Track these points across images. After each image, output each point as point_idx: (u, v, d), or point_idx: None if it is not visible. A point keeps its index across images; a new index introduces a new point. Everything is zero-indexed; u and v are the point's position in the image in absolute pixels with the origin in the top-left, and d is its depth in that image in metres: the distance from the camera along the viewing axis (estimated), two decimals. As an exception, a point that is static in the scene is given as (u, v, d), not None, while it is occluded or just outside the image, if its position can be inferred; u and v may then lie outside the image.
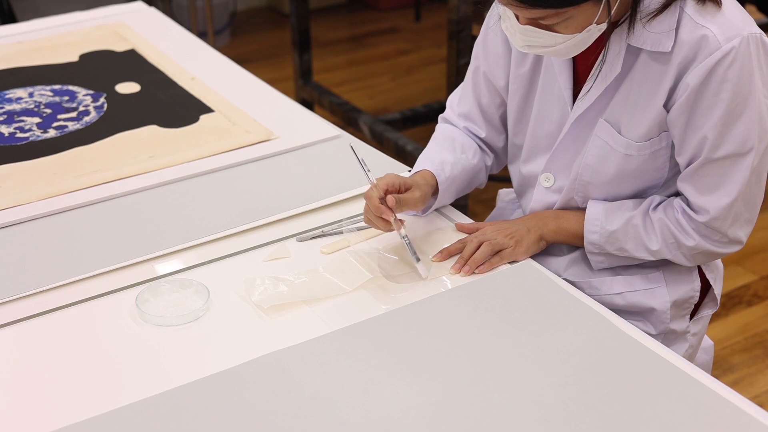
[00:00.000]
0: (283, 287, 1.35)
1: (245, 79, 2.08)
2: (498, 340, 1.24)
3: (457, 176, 1.52)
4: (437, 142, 1.57)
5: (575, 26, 1.26)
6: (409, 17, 4.79)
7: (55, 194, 1.60)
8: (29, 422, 1.13)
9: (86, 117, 1.89)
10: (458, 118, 1.60)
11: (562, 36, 1.27)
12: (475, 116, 1.58)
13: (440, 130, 1.61)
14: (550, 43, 1.28)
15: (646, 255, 1.41)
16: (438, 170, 1.48)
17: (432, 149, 1.55)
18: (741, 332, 2.52)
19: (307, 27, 3.36)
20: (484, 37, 1.53)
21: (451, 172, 1.50)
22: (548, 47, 1.29)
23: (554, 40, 1.27)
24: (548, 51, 1.30)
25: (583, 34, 1.27)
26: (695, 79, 1.28)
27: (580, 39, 1.27)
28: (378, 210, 1.36)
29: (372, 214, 1.38)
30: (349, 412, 1.12)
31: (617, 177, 1.40)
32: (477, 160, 1.56)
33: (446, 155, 1.52)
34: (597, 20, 1.25)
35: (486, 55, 1.53)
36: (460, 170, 1.52)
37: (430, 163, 1.50)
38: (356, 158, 1.40)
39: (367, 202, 1.38)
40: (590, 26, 1.26)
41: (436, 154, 1.52)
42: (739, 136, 1.30)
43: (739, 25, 1.27)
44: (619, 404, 1.13)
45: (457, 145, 1.55)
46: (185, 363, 1.22)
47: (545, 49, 1.30)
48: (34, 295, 1.35)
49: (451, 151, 1.53)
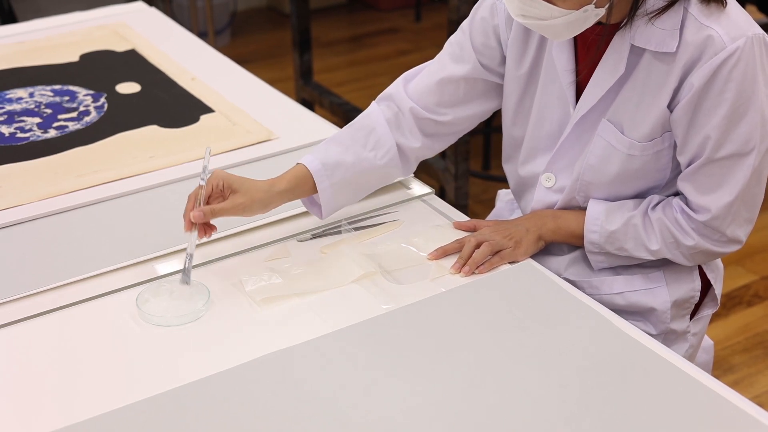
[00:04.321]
0: (277, 280, 1.35)
1: (245, 79, 2.08)
2: (498, 340, 1.24)
3: (355, 179, 1.46)
4: (352, 130, 1.49)
5: (574, 1, 1.25)
6: (410, 17, 4.79)
7: (56, 194, 1.60)
8: (29, 422, 1.13)
9: (87, 117, 1.90)
10: (408, 98, 1.50)
11: (558, 10, 1.25)
12: (423, 118, 1.50)
13: (363, 115, 1.52)
14: (546, 15, 1.26)
15: (646, 255, 1.41)
16: (324, 173, 1.42)
17: (337, 141, 1.47)
18: (741, 332, 2.52)
19: (307, 27, 3.36)
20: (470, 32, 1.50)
21: (344, 175, 1.44)
22: (542, 20, 1.27)
23: (550, 13, 1.26)
24: (542, 24, 1.28)
25: (579, 13, 1.25)
26: (700, 79, 1.28)
27: (575, 18, 1.26)
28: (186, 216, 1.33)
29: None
30: (349, 412, 1.13)
31: (619, 177, 1.40)
32: (385, 162, 1.49)
33: (346, 155, 1.45)
34: (596, 2, 1.25)
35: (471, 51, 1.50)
36: (360, 172, 1.46)
37: (319, 161, 1.43)
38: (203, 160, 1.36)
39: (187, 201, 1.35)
40: (588, 6, 1.25)
41: (336, 150, 1.45)
42: (741, 136, 1.30)
43: (743, 26, 1.28)
44: (619, 404, 1.13)
45: (371, 140, 1.48)
46: (185, 363, 1.22)
47: (538, 22, 1.28)
48: (34, 295, 1.35)
49: (362, 147, 1.47)
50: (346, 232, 1.49)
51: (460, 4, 2.55)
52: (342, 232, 1.49)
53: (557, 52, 1.41)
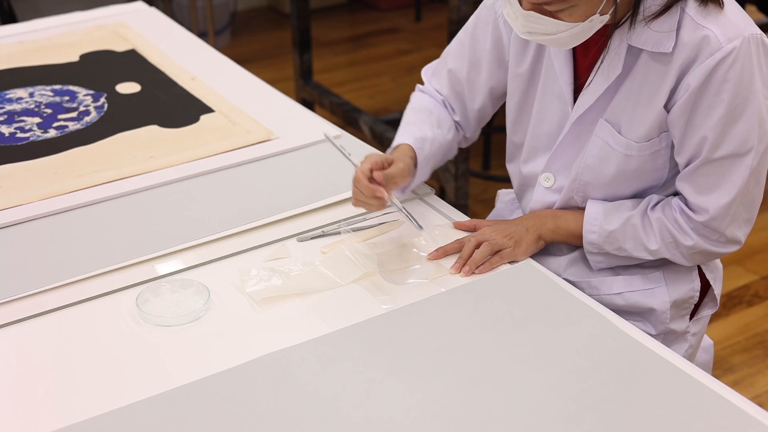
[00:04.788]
0: (278, 280, 1.35)
1: (245, 79, 2.08)
2: (498, 340, 1.24)
3: (435, 153, 1.52)
4: (416, 113, 1.56)
5: (579, 14, 1.26)
6: (410, 17, 4.79)
7: (56, 194, 1.60)
8: (29, 422, 1.13)
9: (87, 117, 1.90)
10: (435, 92, 1.60)
11: (564, 24, 1.27)
12: (451, 100, 1.59)
13: (417, 99, 1.60)
14: (552, 31, 1.28)
15: (645, 255, 1.41)
16: (419, 147, 1.48)
17: (412, 121, 1.54)
18: (741, 332, 2.52)
19: (307, 27, 3.36)
20: (474, 27, 1.53)
21: (429, 149, 1.50)
22: (550, 35, 1.29)
23: (556, 28, 1.27)
24: (549, 39, 1.30)
25: (586, 23, 1.27)
26: (696, 80, 1.28)
27: (581, 29, 1.27)
28: (370, 190, 1.35)
29: (363, 196, 1.37)
30: (349, 412, 1.13)
31: (617, 177, 1.40)
32: (452, 136, 1.57)
33: (426, 130, 1.52)
34: (600, 10, 1.26)
35: (473, 46, 1.52)
36: (438, 147, 1.53)
37: (412, 138, 1.49)
38: (335, 146, 1.40)
39: (356, 185, 1.38)
40: (593, 16, 1.26)
41: (416, 128, 1.52)
42: (738, 136, 1.30)
43: (740, 26, 1.28)
44: (619, 404, 1.13)
45: (434, 119, 1.55)
46: (185, 363, 1.22)
47: (546, 37, 1.29)
48: (34, 295, 1.35)
49: (429, 126, 1.53)
50: (346, 232, 1.49)
51: (460, 4, 2.55)
52: (342, 232, 1.49)
53: (555, 52, 1.42)
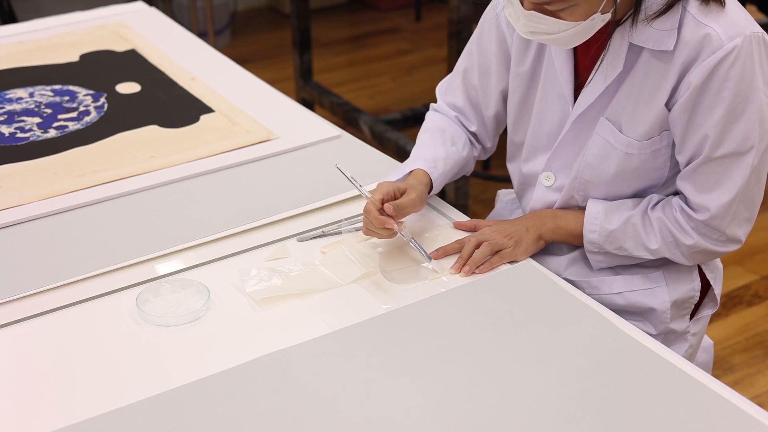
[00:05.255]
0: (278, 280, 1.35)
1: (245, 79, 2.08)
2: (498, 340, 1.24)
3: (449, 170, 1.53)
4: (428, 134, 1.57)
5: (580, 13, 1.26)
6: (410, 17, 4.79)
7: (56, 194, 1.60)
8: (29, 422, 1.13)
9: (87, 117, 1.90)
10: (448, 108, 1.61)
11: (565, 23, 1.27)
12: (467, 111, 1.59)
13: (430, 120, 1.62)
14: (554, 30, 1.28)
15: (645, 254, 1.41)
16: (431, 168, 1.49)
17: (424, 143, 1.55)
18: (741, 332, 2.52)
19: (307, 27, 3.36)
20: (480, 33, 1.53)
21: (443, 167, 1.51)
22: (551, 34, 1.29)
23: (558, 27, 1.27)
24: (551, 38, 1.30)
25: (587, 22, 1.27)
26: (698, 78, 1.28)
27: (583, 28, 1.27)
28: (380, 221, 1.36)
29: (374, 226, 1.38)
30: (349, 412, 1.13)
31: (618, 176, 1.40)
32: (467, 152, 1.58)
33: (438, 150, 1.53)
34: (602, 9, 1.26)
35: (481, 53, 1.53)
36: (452, 164, 1.54)
37: (423, 161, 1.50)
38: (346, 177, 1.41)
39: (367, 216, 1.38)
40: (595, 15, 1.26)
41: (428, 149, 1.53)
42: (739, 134, 1.30)
43: (741, 24, 1.28)
44: (619, 404, 1.13)
45: (447, 137, 1.56)
46: (185, 363, 1.22)
47: (548, 36, 1.30)
48: (34, 295, 1.35)
49: (442, 144, 1.54)
50: (347, 231, 1.49)
51: (460, 4, 2.55)
52: (343, 231, 1.49)
53: (556, 51, 1.42)
